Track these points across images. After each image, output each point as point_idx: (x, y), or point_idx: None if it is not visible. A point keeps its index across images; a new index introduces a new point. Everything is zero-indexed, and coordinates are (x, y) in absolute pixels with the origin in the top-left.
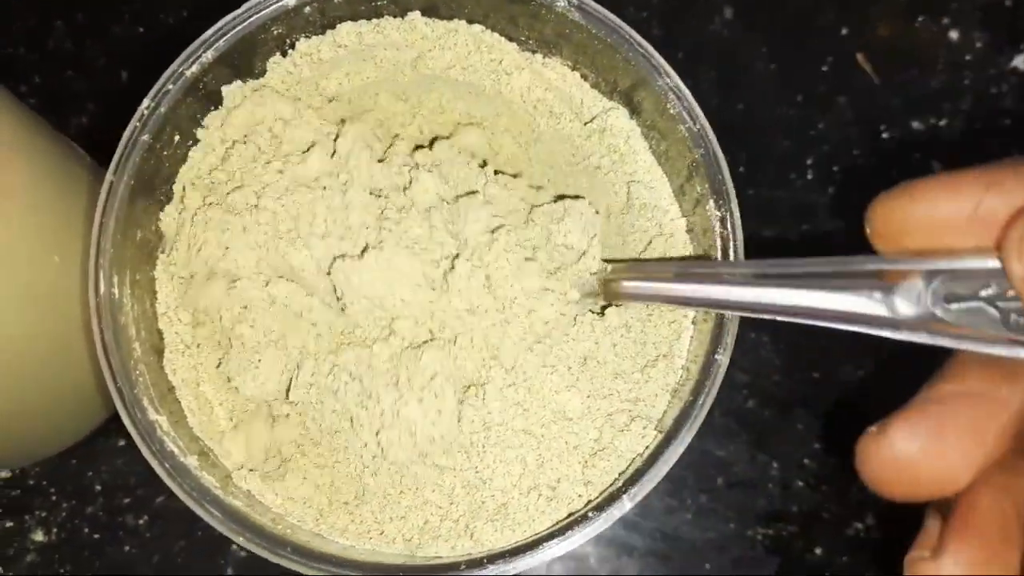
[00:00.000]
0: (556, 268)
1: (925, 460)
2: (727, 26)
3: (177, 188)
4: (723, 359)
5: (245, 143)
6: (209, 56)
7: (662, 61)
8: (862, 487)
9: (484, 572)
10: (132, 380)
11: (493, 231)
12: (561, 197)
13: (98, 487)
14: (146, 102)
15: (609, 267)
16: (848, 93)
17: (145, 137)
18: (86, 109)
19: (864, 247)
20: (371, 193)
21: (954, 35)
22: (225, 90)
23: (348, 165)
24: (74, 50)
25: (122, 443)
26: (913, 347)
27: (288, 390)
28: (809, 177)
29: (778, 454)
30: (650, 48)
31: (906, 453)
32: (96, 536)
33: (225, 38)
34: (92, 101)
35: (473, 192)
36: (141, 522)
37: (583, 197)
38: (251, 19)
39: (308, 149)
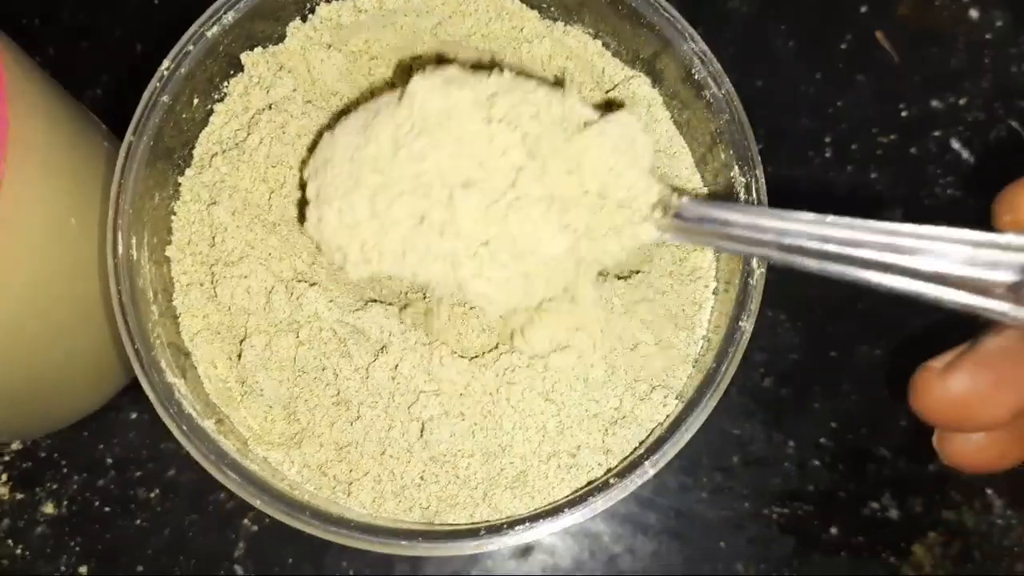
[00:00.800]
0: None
1: (978, 402)
2: (746, 3)
3: (198, 152)
4: (747, 326)
5: (271, 109)
6: (230, 18)
7: (687, 25)
8: (878, 467)
9: (503, 537)
10: (149, 342)
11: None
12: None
13: (110, 460)
14: (166, 63)
15: (675, 196)
16: (867, 71)
17: (165, 98)
18: (100, 81)
19: None
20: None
21: (974, 13)
22: (245, 56)
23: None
24: (88, 22)
25: (134, 416)
26: (930, 325)
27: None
28: (827, 155)
29: (794, 433)
30: (675, 12)
31: (962, 394)
32: (107, 509)
33: (245, 0)
34: (106, 73)
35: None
36: (152, 496)
37: (623, 107)
38: None
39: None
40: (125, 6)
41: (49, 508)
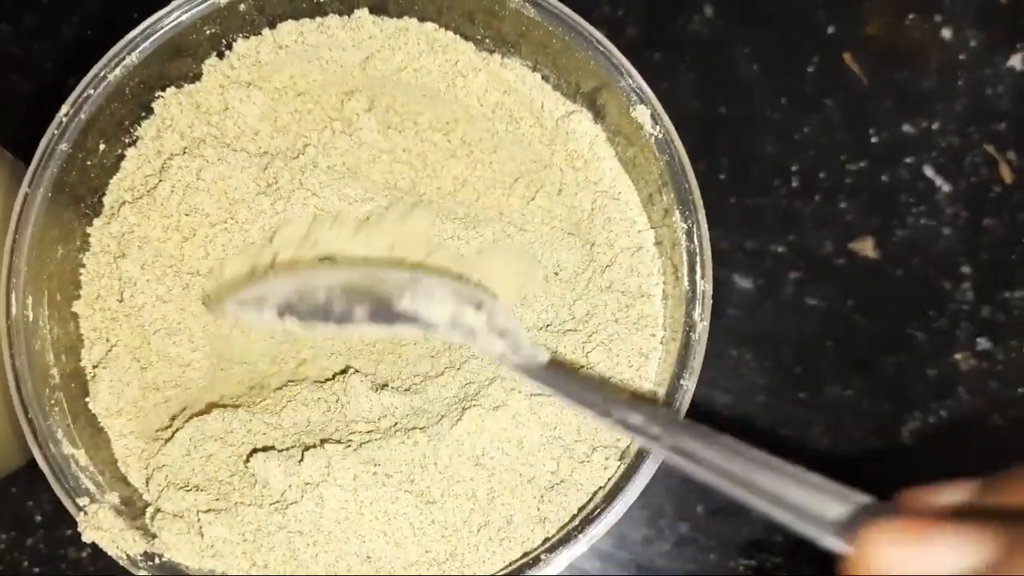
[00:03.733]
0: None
1: None
2: (707, 25)
3: (108, 200)
4: (689, 384)
5: (185, 154)
6: (134, 59)
7: (624, 60)
8: None
9: None
10: (46, 410)
11: None
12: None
13: (39, 517)
14: (64, 108)
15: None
16: (835, 95)
17: (63, 146)
18: (34, 115)
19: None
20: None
21: (947, 33)
22: (156, 98)
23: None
24: (21, 54)
25: None
26: (903, 371)
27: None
28: (794, 184)
29: None
30: (611, 46)
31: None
32: (36, 570)
33: (151, 39)
34: (40, 106)
35: None
36: (84, 555)
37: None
38: (180, 19)
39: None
40: (59, 38)
41: None
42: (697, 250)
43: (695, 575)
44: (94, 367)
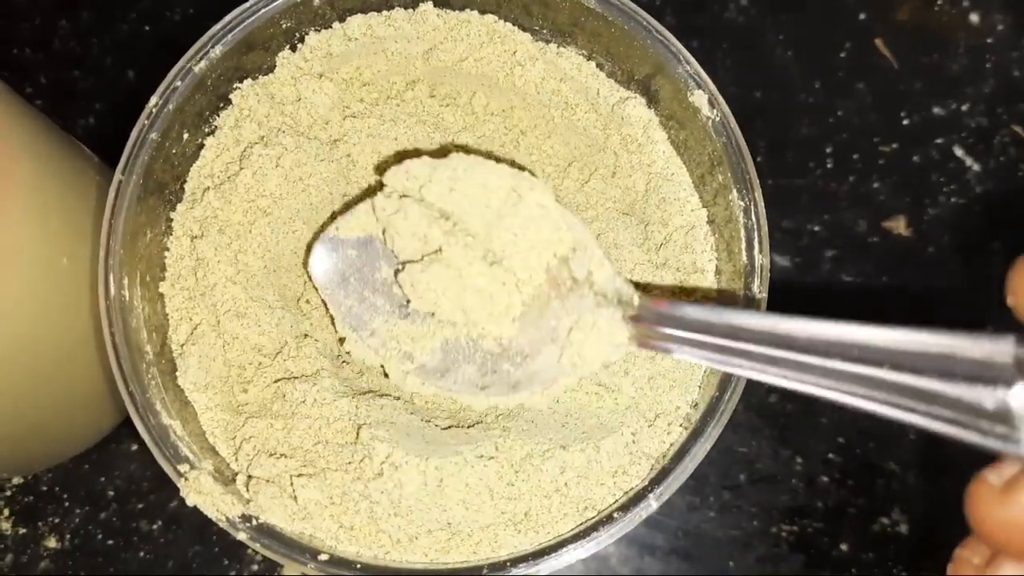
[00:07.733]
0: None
1: None
2: (743, 13)
3: (189, 187)
4: None
5: (263, 142)
6: (217, 51)
7: (681, 48)
8: (888, 481)
9: (507, 573)
10: (144, 384)
11: None
12: None
13: (111, 492)
14: (154, 99)
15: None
16: (867, 79)
17: (154, 135)
18: (93, 109)
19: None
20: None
21: (975, 17)
22: (235, 90)
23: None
24: (80, 50)
25: (135, 447)
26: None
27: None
28: (829, 165)
29: (802, 449)
30: (668, 34)
31: None
32: (110, 542)
33: (233, 33)
34: (99, 101)
35: None
36: (155, 527)
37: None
38: (259, 12)
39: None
40: (117, 33)
41: (52, 542)
42: (755, 226)
43: (738, 540)
44: (181, 344)
